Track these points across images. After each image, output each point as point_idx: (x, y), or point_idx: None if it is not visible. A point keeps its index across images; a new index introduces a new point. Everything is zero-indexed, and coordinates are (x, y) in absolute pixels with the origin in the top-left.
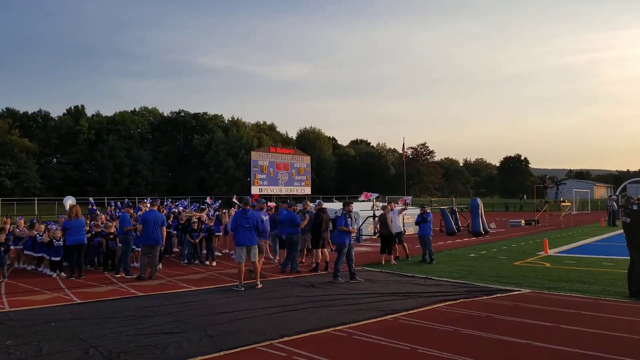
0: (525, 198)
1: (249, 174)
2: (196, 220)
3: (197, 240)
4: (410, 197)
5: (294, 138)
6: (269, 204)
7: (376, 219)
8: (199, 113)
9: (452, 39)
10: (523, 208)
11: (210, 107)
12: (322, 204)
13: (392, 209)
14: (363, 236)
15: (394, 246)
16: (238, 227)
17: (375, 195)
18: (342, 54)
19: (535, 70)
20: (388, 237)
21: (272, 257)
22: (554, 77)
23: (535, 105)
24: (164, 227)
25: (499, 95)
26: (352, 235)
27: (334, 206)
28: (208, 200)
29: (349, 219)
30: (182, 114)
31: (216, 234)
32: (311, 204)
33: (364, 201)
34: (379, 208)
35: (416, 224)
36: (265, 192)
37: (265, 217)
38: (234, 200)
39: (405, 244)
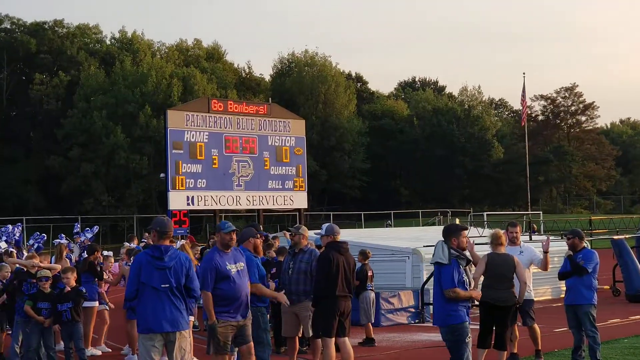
0: None
1: (164, 163)
2: (48, 273)
3: (48, 322)
4: (541, 215)
5: (268, 79)
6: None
7: (470, 268)
8: (43, 23)
9: None
10: None
11: (70, 10)
12: (336, 234)
13: (518, 244)
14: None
15: (512, 330)
16: (145, 290)
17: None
18: None
19: None
20: (500, 311)
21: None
22: None
23: None
24: None
25: None
26: (473, 302)
27: (362, 237)
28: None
29: (463, 266)
30: (7, 25)
31: (87, 304)
32: (313, 234)
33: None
34: (484, 236)
35: (561, 277)
36: (202, 206)
37: (239, 267)
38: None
39: (536, 325)
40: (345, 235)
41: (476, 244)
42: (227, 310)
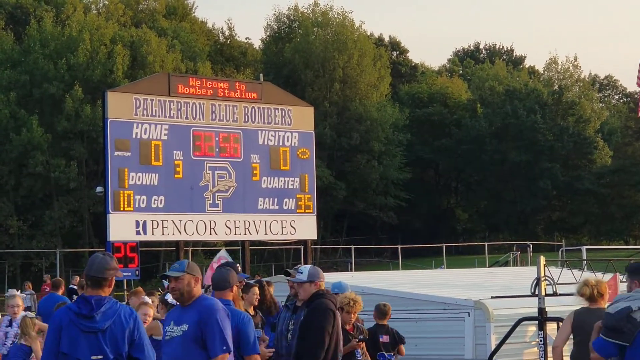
0: None
1: (101, 171)
2: None
3: None
4: None
5: (258, 45)
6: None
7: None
8: None
9: None
10: None
11: None
12: (321, 279)
13: None
14: None
15: None
16: None
17: None
18: None
19: None
20: None
21: None
22: None
23: None
24: None
25: None
26: None
27: (399, 282)
28: None
29: None
30: None
31: None
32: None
33: None
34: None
35: None
36: (158, 236)
37: (178, 332)
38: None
39: None
40: (373, 279)
41: (572, 294)
42: None
